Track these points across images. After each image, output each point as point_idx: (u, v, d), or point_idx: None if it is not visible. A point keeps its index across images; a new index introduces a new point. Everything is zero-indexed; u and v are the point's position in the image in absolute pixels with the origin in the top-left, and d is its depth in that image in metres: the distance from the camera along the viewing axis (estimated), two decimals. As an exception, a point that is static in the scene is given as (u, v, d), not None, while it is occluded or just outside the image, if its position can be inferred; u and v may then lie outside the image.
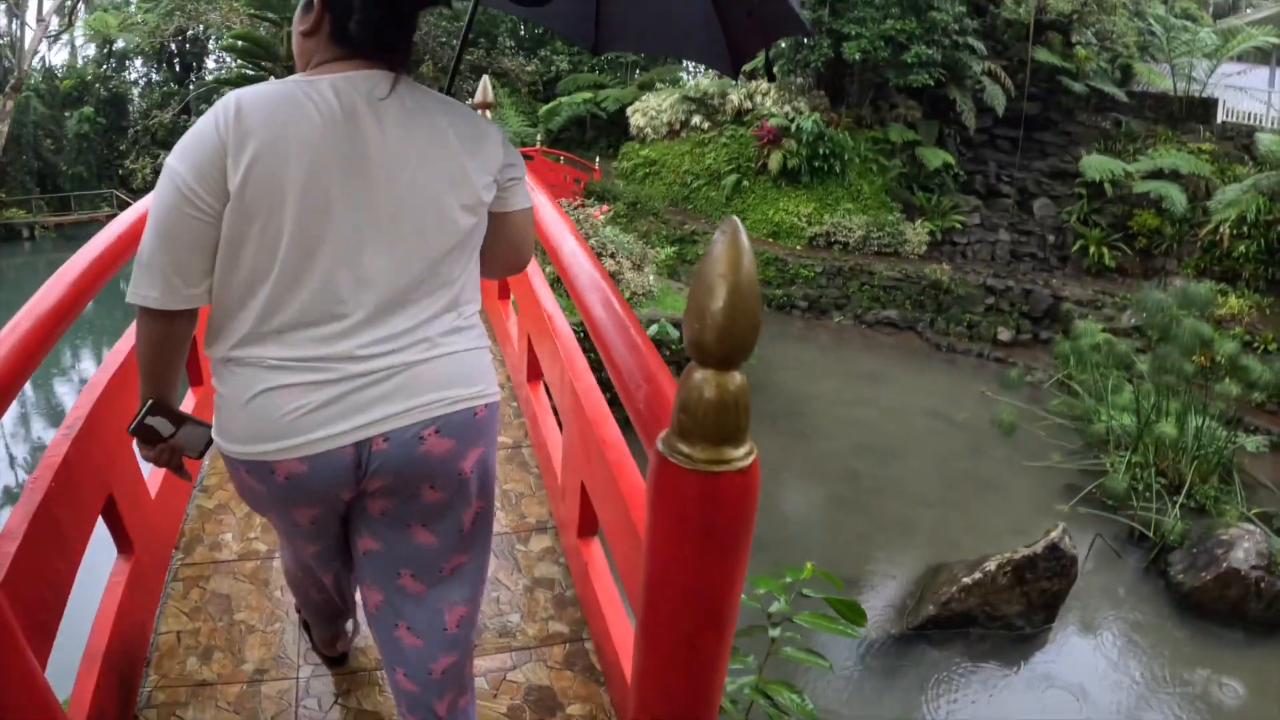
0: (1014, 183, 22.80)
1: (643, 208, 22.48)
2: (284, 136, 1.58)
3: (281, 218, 1.60)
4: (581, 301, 2.25)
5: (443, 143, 1.70)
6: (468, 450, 1.79)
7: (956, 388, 16.19)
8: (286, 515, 1.87)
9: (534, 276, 3.49)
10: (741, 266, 1.30)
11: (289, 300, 1.64)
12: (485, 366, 1.86)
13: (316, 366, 1.65)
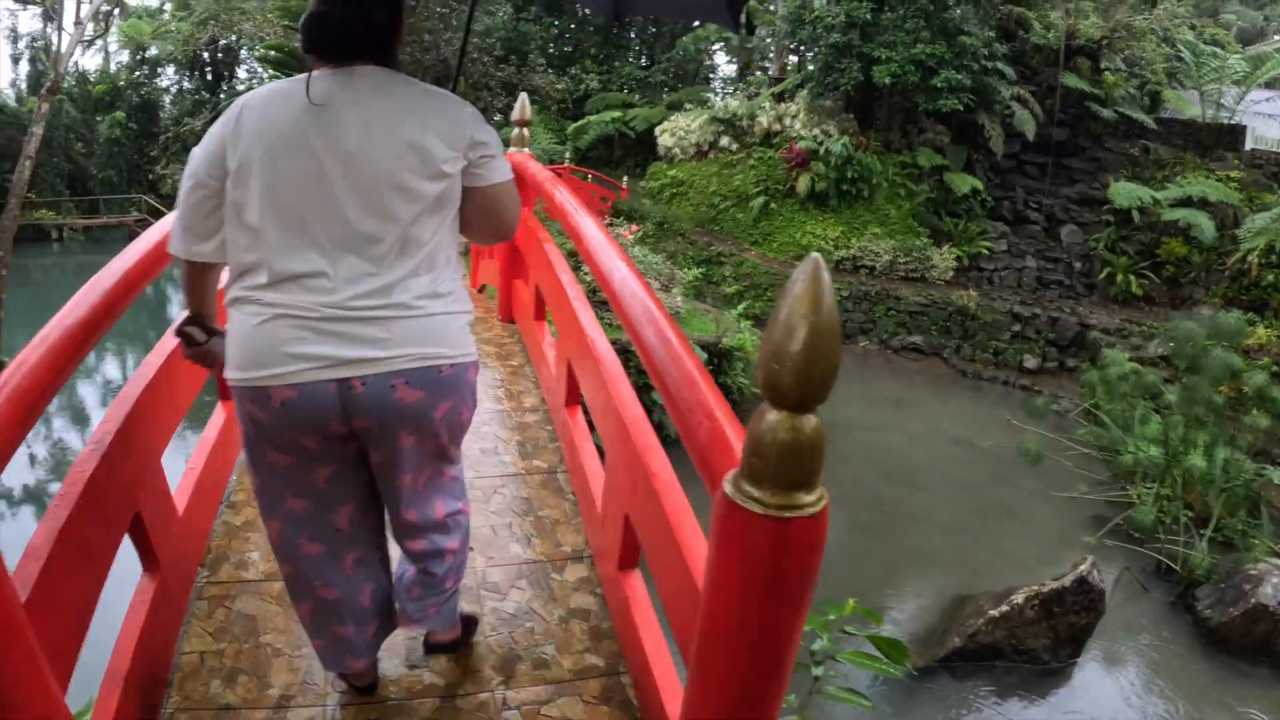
0: (1042, 209, 22.64)
1: (670, 228, 22.43)
2: (268, 122, 1.98)
3: (264, 189, 1.96)
4: (635, 333, 2.16)
5: (403, 123, 2.00)
6: (437, 402, 2.10)
7: (982, 415, 16.06)
8: (294, 443, 2.09)
9: (576, 301, 3.41)
10: (823, 307, 1.23)
11: (279, 256, 1.98)
12: (456, 330, 2.14)
13: (306, 313, 1.97)
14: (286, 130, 1.96)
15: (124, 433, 2.45)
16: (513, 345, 5.26)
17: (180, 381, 2.95)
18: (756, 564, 1.39)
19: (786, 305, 1.25)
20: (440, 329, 2.08)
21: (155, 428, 2.70)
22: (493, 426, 4.10)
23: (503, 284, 5.66)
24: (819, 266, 1.25)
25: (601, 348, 2.97)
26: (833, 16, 21.86)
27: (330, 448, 2.13)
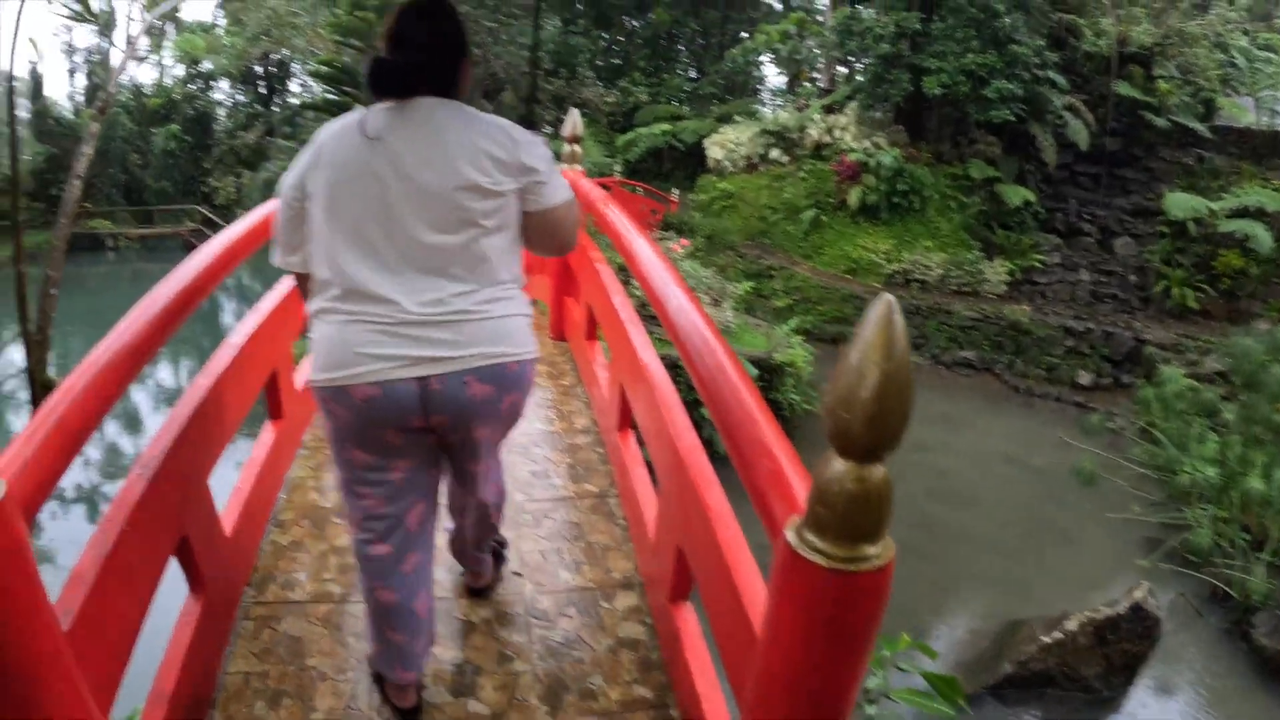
0: (1096, 221, 22.25)
1: (719, 241, 22.34)
2: (336, 152, 2.24)
3: (334, 212, 2.21)
4: (693, 363, 2.09)
5: (459, 151, 2.20)
6: (504, 395, 2.30)
7: (1035, 433, 15.79)
8: (376, 440, 2.28)
9: (629, 324, 3.34)
10: (896, 352, 1.18)
11: (350, 272, 2.19)
12: (518, 330, 2.33)
13: (381, 319, 2.16)
14: (351, 159, 2.20)
15: (172, 456, 2.43)
16: (564, 364, 5.19)
17: (229, 404, 2.93)
18: (818, 616, 1.33)
19: (857, 350, 1.19)
20: (505, 330, 2.27)
21: (203, 450, 2.68)
22: (543, 448, 4.04)
23: (554, 301, 5.60)
24: (892, 309, 1.20)
25: (656, 372, 2.90)
26: (882, 27, 21.73)
27: (410, 442, 2.32)
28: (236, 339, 3.13)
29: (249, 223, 3.25)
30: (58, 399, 1.89)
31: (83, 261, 32.95)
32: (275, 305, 3.55)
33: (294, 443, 3.86)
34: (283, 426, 3.59)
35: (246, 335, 3.18)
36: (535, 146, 2.32)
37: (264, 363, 3.39)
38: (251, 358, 3.20)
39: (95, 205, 37.75)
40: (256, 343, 3.25)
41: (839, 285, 20.74)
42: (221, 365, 2.90)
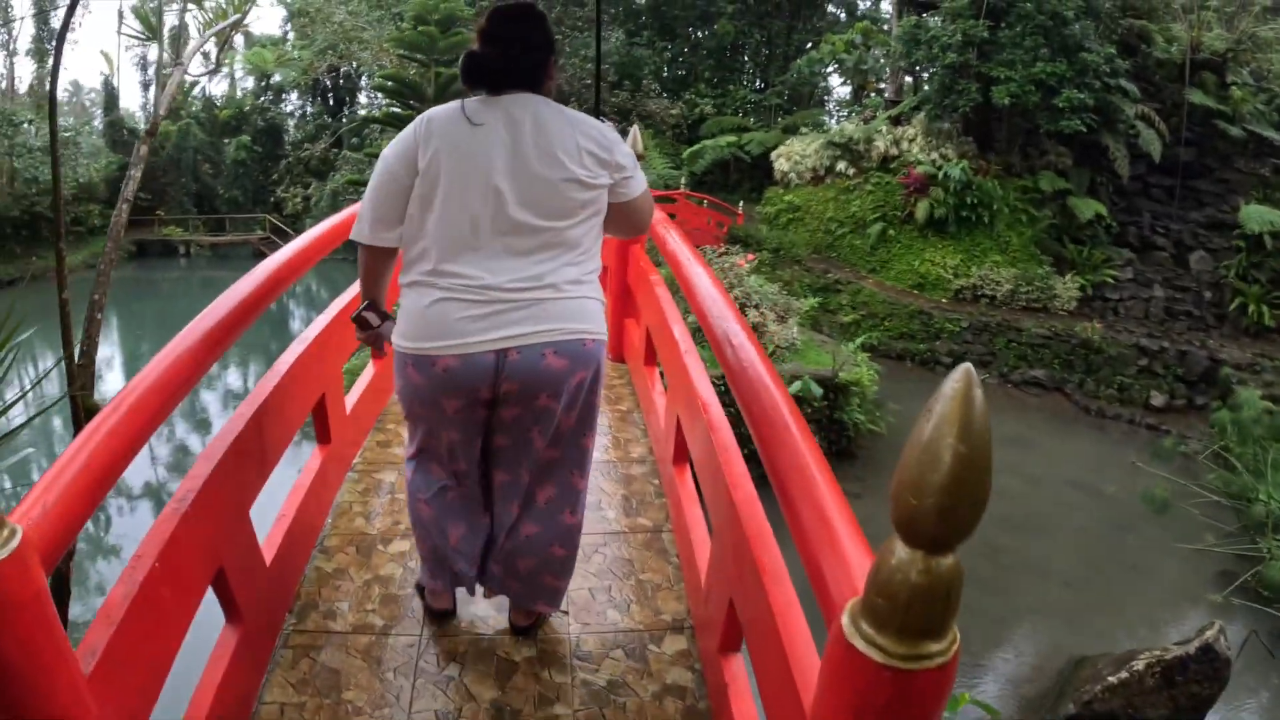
0: (1169, 235, 21.73)
1: (785, 255, 22.18)
2: (447, 134, 2.41)
3: (445, 189, 2.39)
4: (753, 417, 1.94)
5: (559, 143, 2.40)
6: (577, 370, 2.45)
7: (1105, 456, 15.38)
8: (438, 404, 2.48)
9: (688, 355, 3.20)
10: (974, 431, 1.03)
11: (449, 248, 2.39)
12: (594, 311, 2.51)
13: (471, 295, 2.36)
14: (460, 143, 2.39)
15: (210, 488, 2.35)
16: (622, 388, 5.07)
17: (272, 432, 2.85)
18: (870, 712, 1.19)
19: (931, 427, 1.04)
20: (584, 309, 2.46)
21: (242, 483, 2.60)
22: (596, 478, 3.84)
23: (614, 321, 5.46)
24: (971, 381, 1.04)
25: (714, 413, 2.74)
26: (949, 35, 21.45)
27: (465, 412, 2.50)
28: (282, 365, 3.06)
29: (292, 250, 3.18)
30: (83, 441, 1.82)
31: (156, 267, 33.98)
32: (324, 328, 3.49)
33: (343, 467, 3.78)
34: (330, 450, 3.52)
35: (292, 361, 3.10)
36: (623, 145, 2.56)
37: (311, 387, 3.32)
38: (297, 383, 3.13)
39: (168, 213, 39.20)
40: (303, 367, 3.18)
41: (906, 301, 20.53)
42: (265, 393, 2.83)
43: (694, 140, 29.53)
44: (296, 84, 42.42)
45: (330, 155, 37.84)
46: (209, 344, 2.38)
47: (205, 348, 2.36)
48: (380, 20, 33.05)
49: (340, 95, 43.94)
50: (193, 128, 41.08)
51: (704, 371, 3.03)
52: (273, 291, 2.87)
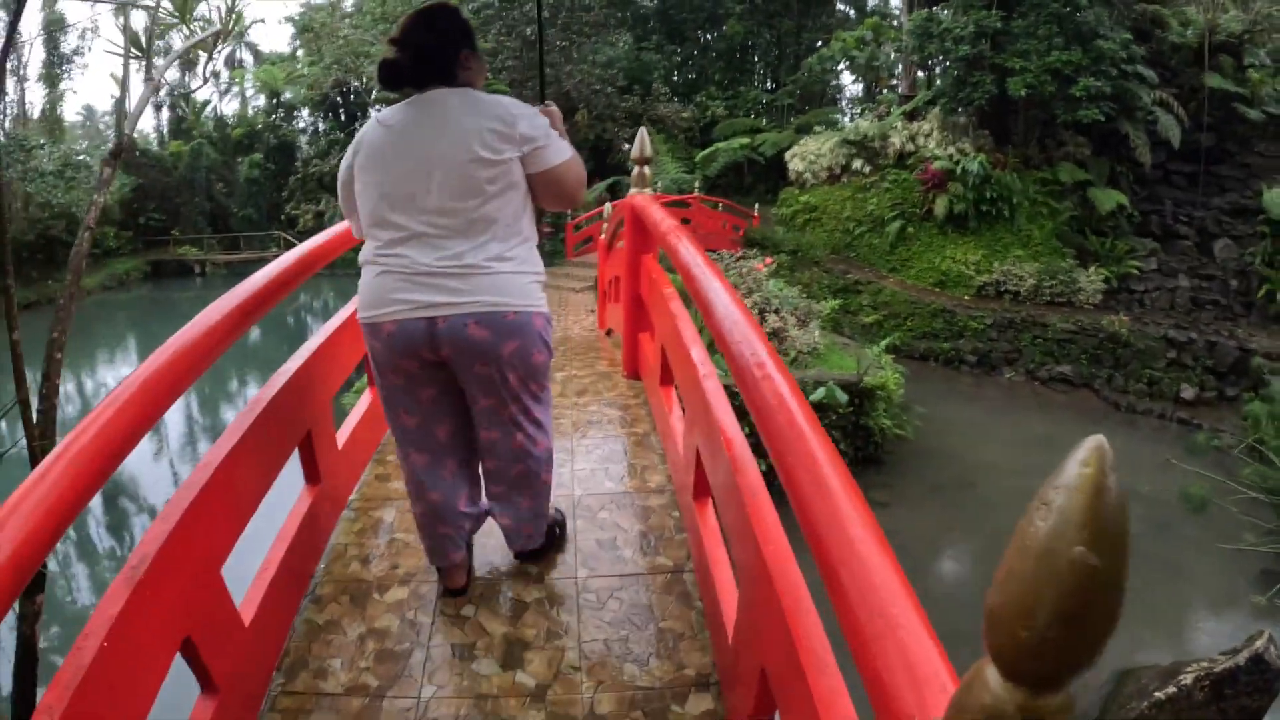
0: (1193, 222, 21.29)
1: (803, 256, 21.87)
2: (366, 140, 2.70)
3: (367, 185, 2.67)
4: (790, 475, 1.51)
5: (465, 130, 2.57)
6: (503, 341, 2.64)
7: (1138, 454, 14.93)
8: (400, 366, 2.71)
9: (707, 381, 2.83)
10: (1109, 536, 0.69)
11: (382, 233, 2.65)
12: (518, 285, 2.66)
13: (404, 270, 2.59)
14: (375, 144, 2.67)
15: (168, 552, 2.07)
16: (638, 409, 4.80)
17: (244, 482, 2.56)
18: None
19: (1050, 529, 0.71)
20: (507, 284, 2.63)
21: (210, 541, 2.31)
22: (611, 512, 3.57)
23: (627, 336, 5.18)
24: (1104, 463, 0.70)
25: (739, 451, 2.37)
26: (961, 27, 21.08)
27: (429, 373, 2.74)
28: (259, 402, 2.77)
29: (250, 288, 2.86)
30: (21, 493, 1.61)
31: (172, 287, 34.11)
32: (309, 357, 3.20)
33: (336, 506, 3.49)
34: (320, 490, 3.22)
35: (271, 396, 2.81)
36: (532, 118, 2.68)
37: (295, 425, 3.02)
38: (278, 422, 2.84)
39: (182, 232, 39.60)
40: (284, 404, 2.89)
41: (928, 299, 20.19)
42: (237, 435, 2.54)
43: (706, 144, 29.27)
44: (307, 101, 42.60)
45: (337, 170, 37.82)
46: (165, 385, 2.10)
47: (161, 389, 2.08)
48: (385, 33, 32.94)
49: (351, 111, 43.99)
50: (205, 147, 41.33)
51: (725, 400, 2.68)
52: (251, 315, 2.70)
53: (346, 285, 4.72)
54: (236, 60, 50.82)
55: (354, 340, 3.64)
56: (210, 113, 46.85)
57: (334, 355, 3.37)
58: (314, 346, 3.25)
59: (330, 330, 3.45)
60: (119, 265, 36.33)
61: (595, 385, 5.42)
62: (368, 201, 2.69)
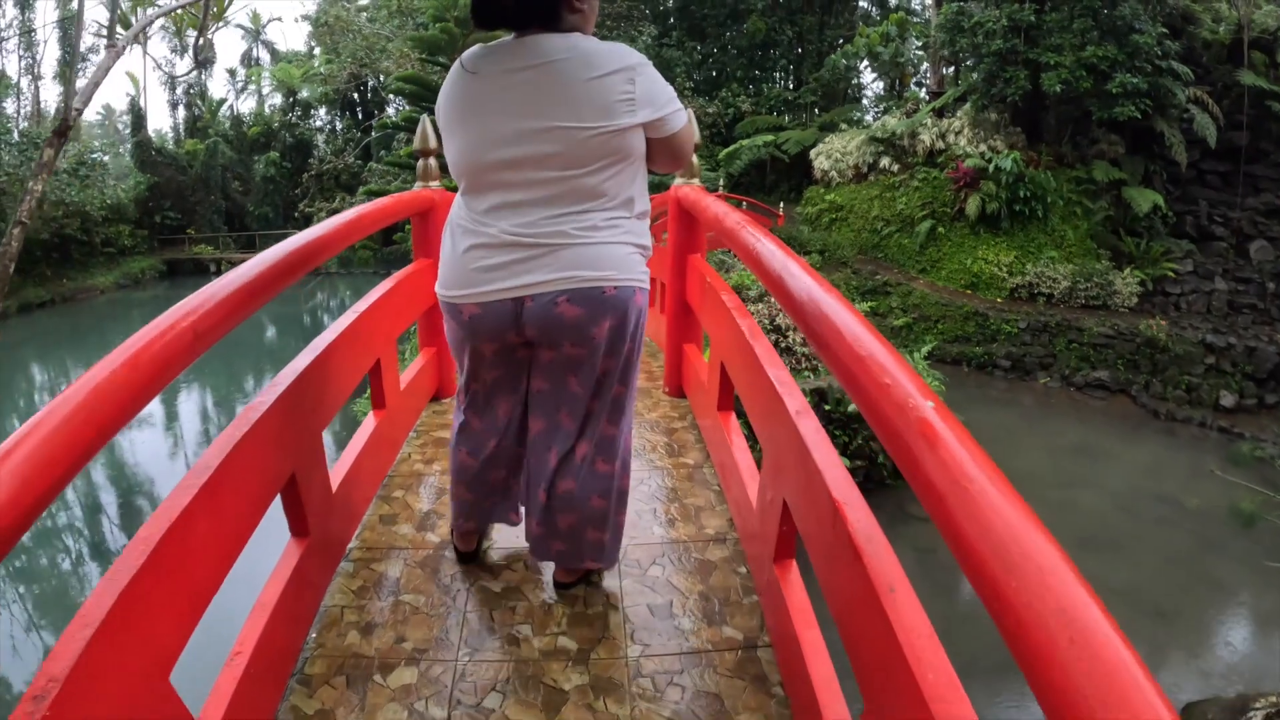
0: (1228, 223, 20.95)
1: (831, 256, 21.33)
2: (451, 87, 2.37)
3: (452, 141, 2.38)
4: (955, 529, 1.02)
5: (568, 86, 2.19)
6: (599, 318, 2.34)
7: (1180, 464, 14.34)
8: (476, 348, 2.49)
9: (801, 419, 2.16)
10: None
11: (471, 196, 2.39)
12: (619, 257, 2.34)
13: (491, 241, 2.32)
14: (458, 93, 2.32)
15: (89, 670, 1.49)
16: (685, 432, 4.13)
17: (201, 555, 1.95)
18: None
19: None
20: (604, 255, 2.31)
21: (153, 645, 1.72)
22: (665, 568, 2.92)
23: (670, 347, 4.54)
24: None
25: (858, 524, 1.71)
26: (993, 21, 20.54)
27: (503, 354, 2.52)
28: (224, 447, 2.16)
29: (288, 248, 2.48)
30: None
31: (187, 285, 33.87)
32: (294, 380, 2.58)
33: (331, 559, 2.87)
34: (311, 544, 2.64)
35: (238, 440, 2.19)
36: (654, 77, 2.29)
37: (273, 470, 2.41)
38: (249, 469, 2.23)
39: (198, 231, 39.93)
40: (258, 444, 2.29)
41: (959, 301, 19.63)
42: (191, 494, 1.91)
43: (729, 141, 28.76)
44: (324, 98, 42.67)
45: (358, 168, 37.78)
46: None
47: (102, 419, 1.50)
48: (401, 27, 32.69)
49: (369, 108, 44.01)
50: (221, 145, 41.45)
51: (828, 446, 2.03)
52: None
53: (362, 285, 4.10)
54: (253, 59, 50.87)
55: (353, 357, 3.08)
56: (227, 111, 46.96)
57: (325, 378, 2.76)
58: (299, 369, 2.60)
59: (321, 347, 2.78)
60: (134, 264, 36.31)
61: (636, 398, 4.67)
62: (455, 164, 2.40)
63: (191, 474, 1.95)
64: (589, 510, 2.61)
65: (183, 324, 1.80)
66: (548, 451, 2.59)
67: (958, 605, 8.94)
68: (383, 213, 3.48)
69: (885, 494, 10.35)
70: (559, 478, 2.58)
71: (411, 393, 4.09)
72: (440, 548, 3.06)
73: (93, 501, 13.27)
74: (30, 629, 9.83)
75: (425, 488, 3.53)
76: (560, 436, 2.56)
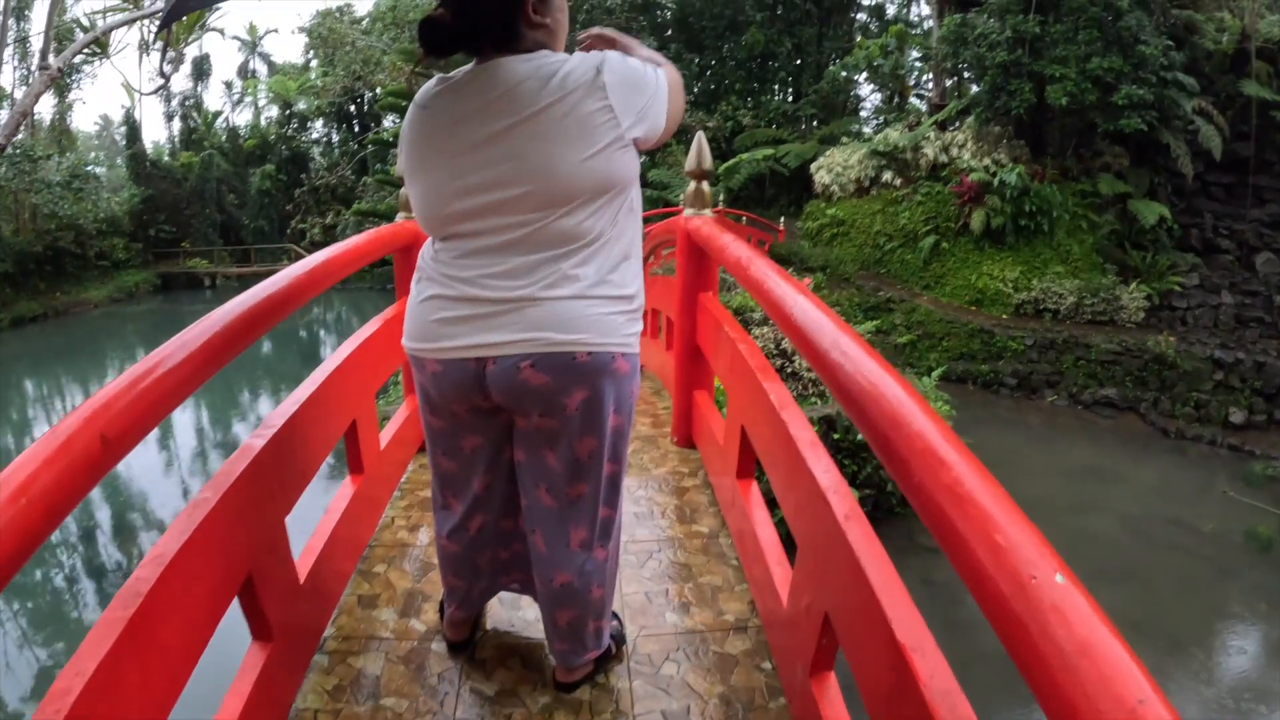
0: (1234, 236, 20.75)
1: (833, 273, 21.09)
2: (410, 123, 2.10)
3: (412, 180, 2.10)
4: None
5: (532, 116, 1.88)
6: (569, 388, 2.02)
7: (1191, 484, 14.02)
8: (447, 407, 2.18)
9: (849, 523, 1.83)
10: None
11: (432, 243, 2.14)
12: (595, 317, 2.00)
13: (452, 293, 2.02)
14: (419, 136, 2.04)
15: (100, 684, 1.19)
16: (697, 492, 3.75)
17: (169, 640, 1.65)
18: None
19: None
20: (577, 315, 1.99)
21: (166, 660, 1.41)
22: (680, 664, 2.56)
23: (679, 393, 4.19)
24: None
25: (929, 670, 1.41)
26: (997, 33, 20.32)
27: (478, 419, 2.20)
28: (173, 541, 1.82)
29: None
30: None
31: (182, 299, 34.06)
32: (248, 466, 2.22)
33: (299, 657, 2.51)
34: (276, 648, 2.30)
35: (191, 532, 1.85)
36: (634, 78, 1.95)
37: (228, 566, 2.08)
38: (204, 568, 1.91)
39: (193, 245, 39.71)
40: (213, 538, 1.96)
41: (964, 318, 19.33)
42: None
43: (729, 155, 28.55)
44: (321, 111, 42.69)
45: (353, 182, 37.77)
46: None
47: None
48: (396, 39, 32.62)
49: (365, 122, 44.01)
50: (216, 158, 41.41)
51: (883, 556, 1.69)
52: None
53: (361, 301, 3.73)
54: (250, 70, 50.85)
55: (323, 425, 2.73)
56: (222, 123, 46.91)
57: (288, 457, 2.38)
58: (253, 451, 2.19)
59: (280, 422, 2.41)
60: (128, 277, 36.13)
61: (638, 455, 4.29)
62: (416, 212, 2.14)
63: (118, 601, 1.61)
64: (590, 602, 2.34)
65: (89, 428, 1.47)
66: (533, 534, 2.30)
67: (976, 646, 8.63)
68: (355, 254, 3.11)
69: (894, 523, 10.02)
70: (555, 570, 2.29)
71: (397, 445, 3.74)
72: (426, 637, 2.70)
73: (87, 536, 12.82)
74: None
75: (410, 561, 3.17)
76: (543, 517, 2.26)
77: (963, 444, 1.17)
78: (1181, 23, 21.15)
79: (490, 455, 2.30)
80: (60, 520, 1.35)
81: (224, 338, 2.01)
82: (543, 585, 2.33)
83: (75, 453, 1.40)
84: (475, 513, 2.39)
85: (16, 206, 31.88)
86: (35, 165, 30.52)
